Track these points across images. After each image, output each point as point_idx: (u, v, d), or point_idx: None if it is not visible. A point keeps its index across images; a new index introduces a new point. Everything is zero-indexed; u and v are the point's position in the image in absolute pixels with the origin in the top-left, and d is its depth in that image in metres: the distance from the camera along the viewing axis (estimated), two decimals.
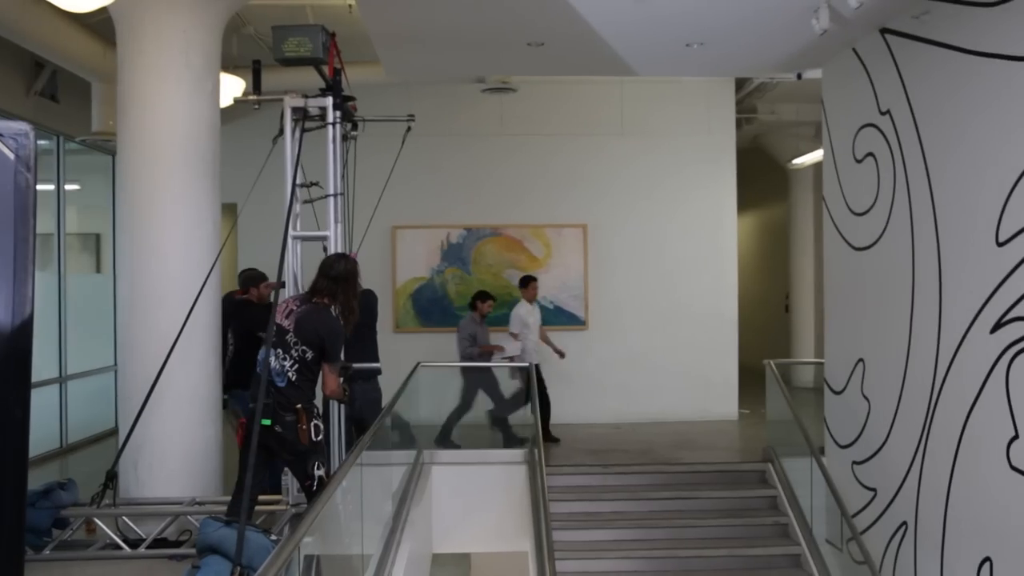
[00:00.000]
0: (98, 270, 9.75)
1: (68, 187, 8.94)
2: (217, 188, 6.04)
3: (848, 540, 6.56)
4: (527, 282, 9.19)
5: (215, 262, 5.60)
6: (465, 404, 8.41)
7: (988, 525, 4.98)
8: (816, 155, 11.22)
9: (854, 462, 6.74)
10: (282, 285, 4.74)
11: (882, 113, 6.26)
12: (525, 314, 8.98)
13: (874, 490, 6.42)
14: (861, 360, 6.68)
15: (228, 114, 6.80)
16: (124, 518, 5.33)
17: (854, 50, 6.64)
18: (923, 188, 5.71)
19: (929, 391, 5.62)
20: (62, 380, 8.62)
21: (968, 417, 5.17)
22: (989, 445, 4.94)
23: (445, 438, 8.26)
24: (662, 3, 5.77)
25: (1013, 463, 4.72)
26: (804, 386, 11.47)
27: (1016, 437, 4.71)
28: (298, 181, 5.06)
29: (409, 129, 6.04)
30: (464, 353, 8.68)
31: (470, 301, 9.00)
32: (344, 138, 5.45)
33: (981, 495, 5.07)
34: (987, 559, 4.94)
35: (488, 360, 8.67)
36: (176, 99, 5.72)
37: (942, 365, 5.49)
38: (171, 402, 5.54)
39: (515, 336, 8.84)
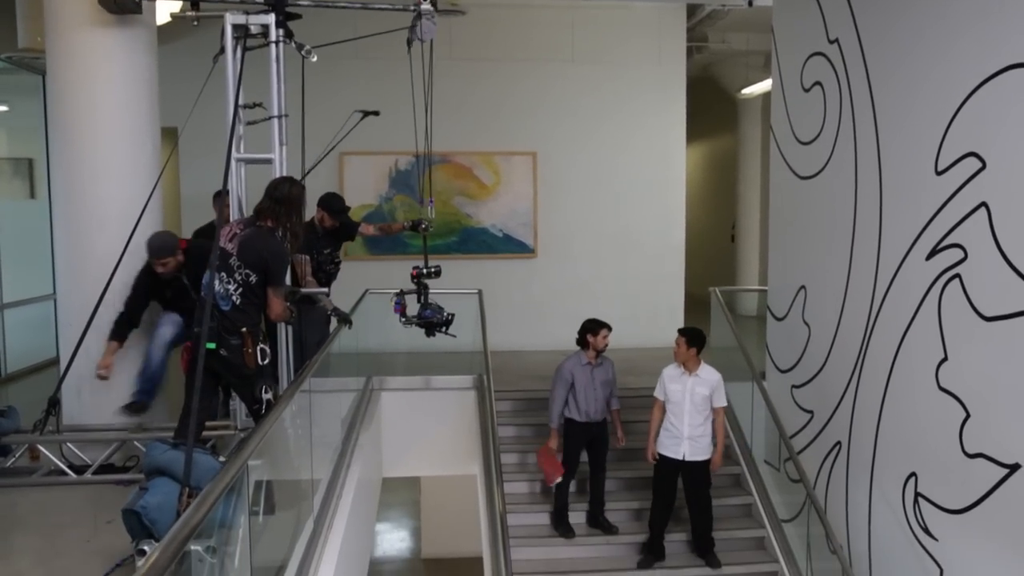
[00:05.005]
0: (32, 196, 9.42)
1: None
2: (155, 109, 5.83)
3: (785, 460, 6.83)
4: (682, 338, 6.53)
5: (155, 185, 5.44)
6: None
7: (914, 443, 5.22)
8: (765, 85, 11.25)
9: (793, 386, 6.96)
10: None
11: (830, 42, 6.28)
12: (668, 378, 6.58)
13: (811, 412, 6.66)
14: (803, 287, 6.84)
15: (166, 33, 6.52)
16: (69, 444, 5.27)
17: None
18: (867, 117, 5.79)
19: (866, 316, 5.80)
20: None
21: (902, 341, 5.36)
22: (920, 367, 5.14)
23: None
24: None
25: (941, 384, 4.93)
26: (748, 314, 11.75)
27: (945, 359, 4.91)
28: (242, 102, 4.92)
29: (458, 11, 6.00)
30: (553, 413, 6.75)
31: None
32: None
33: (910, 415, 5.29)
34: (912, 474, 5.19)
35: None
36: (108, 15, 5.46)
37: (879, 291, 5.65)
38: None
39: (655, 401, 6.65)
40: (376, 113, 6.90)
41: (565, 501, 6.89)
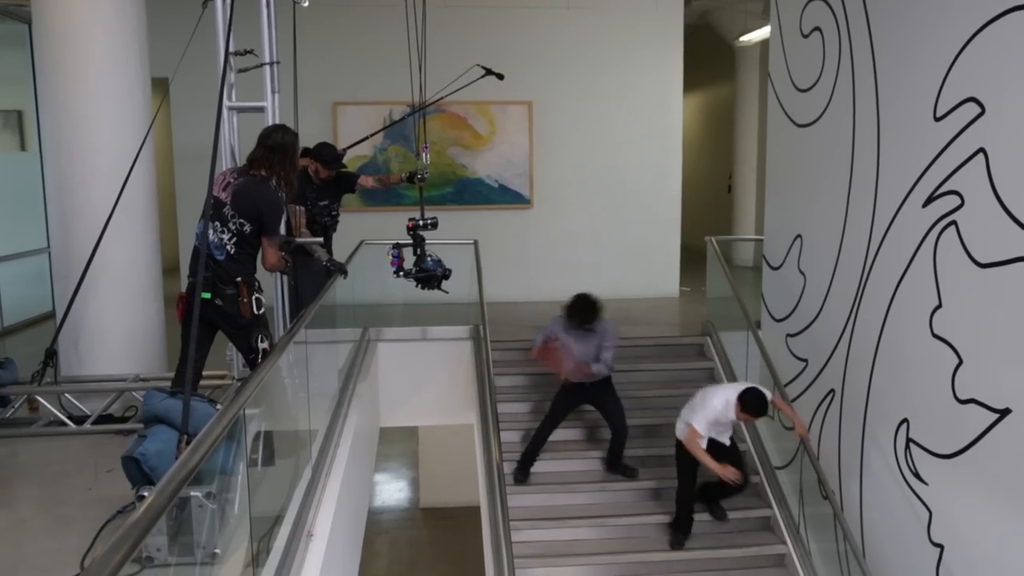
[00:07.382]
0: (23, 148, 9.33)
1: None
2: (145, 58, 5.75)
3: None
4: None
5: (146, 136, 5.40)
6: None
7: (907, 389, 5.26)
8: (764, 32, 11.10)
9: (788, 335, 6.99)
10: None
11: None
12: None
13: (805, 361, 6.70)
14: (799, 236, 6.83)
15: None
16: (67, 395, 5.30)
17: None
18: (866, 62, 5.72)
19: (862, 264, 5.80)
20: None
21: (897, 288, 5.37)
22: (914, 314, 5.16)
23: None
24: None
25: (934, 330, 4.95)
26: (744, 264, 11.77)
27: (939, 306, 4.92)
28: (233, 49, 4.84)
29: None
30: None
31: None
32: None
33: (903, 361, 5.32)
34: (904, 420, 5.24)
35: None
36: None
37: (875, 239, 5.65)
38: (109, 280, 5.44)
39: None
40: (500, 76, 6.70)
41: (537, 450, 6.83)
